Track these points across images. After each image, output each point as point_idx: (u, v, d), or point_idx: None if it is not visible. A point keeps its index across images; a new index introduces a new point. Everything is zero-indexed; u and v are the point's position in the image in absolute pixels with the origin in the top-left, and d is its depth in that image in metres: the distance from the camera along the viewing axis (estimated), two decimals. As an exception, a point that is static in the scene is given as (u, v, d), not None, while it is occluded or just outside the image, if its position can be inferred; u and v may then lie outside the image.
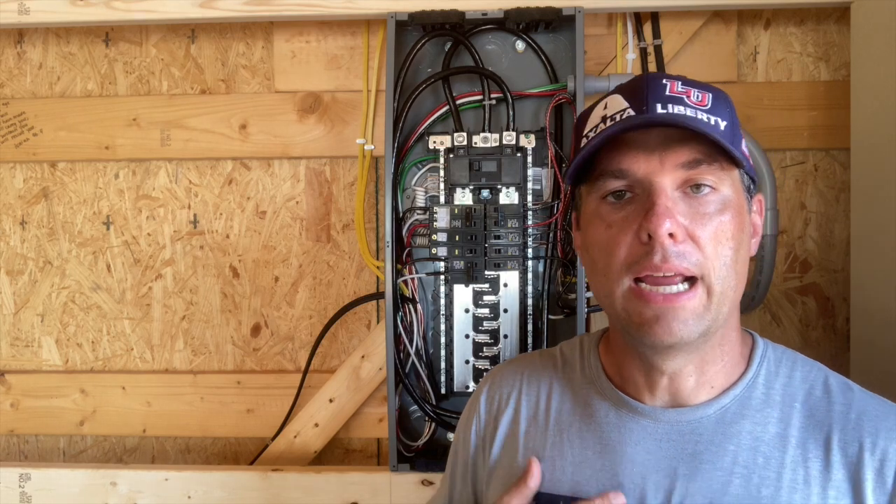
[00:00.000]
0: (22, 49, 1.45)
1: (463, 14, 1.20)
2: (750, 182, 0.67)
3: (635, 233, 0.62)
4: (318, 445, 1.39)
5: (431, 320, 1.26)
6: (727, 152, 0.62)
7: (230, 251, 1.43)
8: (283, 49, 1.40)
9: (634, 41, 1.32)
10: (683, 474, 0.65)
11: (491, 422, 0.78)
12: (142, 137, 1.42)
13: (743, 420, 0.66)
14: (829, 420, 0.65)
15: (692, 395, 0.67)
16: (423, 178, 1.25)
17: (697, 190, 0.62)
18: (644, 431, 0.68)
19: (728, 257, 0.62)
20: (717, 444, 0.65)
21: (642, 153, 0.63)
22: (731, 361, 0.68)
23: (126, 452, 1.47)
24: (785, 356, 0.71)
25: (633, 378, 0.70)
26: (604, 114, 0.66)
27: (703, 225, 0.61)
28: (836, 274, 1.34)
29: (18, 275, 1.47)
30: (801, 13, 1.33)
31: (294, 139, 1.40)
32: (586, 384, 0.74)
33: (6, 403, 1.46)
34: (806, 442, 0.65)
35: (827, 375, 0.69)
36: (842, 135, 1.28)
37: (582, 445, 0.70)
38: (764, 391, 0.68)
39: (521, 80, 1.24)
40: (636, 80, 0.67)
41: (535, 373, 0.78)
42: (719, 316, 0.63)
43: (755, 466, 0.64)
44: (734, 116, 0.66)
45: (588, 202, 0.68)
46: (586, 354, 0.76)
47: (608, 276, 0.64)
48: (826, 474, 0.63)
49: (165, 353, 1.45)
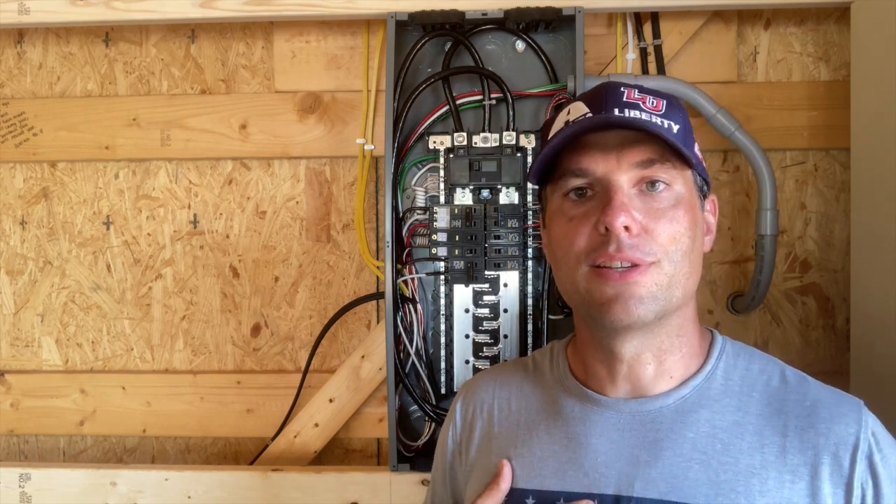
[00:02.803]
0: (22, 49, 1.45)
1: (463, 14, 1.20)
2: (703, 183, 0.73)
3: (594, 225, 0.67)
4: (318, 445, 1.39)
5: (431, 320, 1.26)
6: (679, 153, 0.67)
7: (230, 251, 1.43)
8: (283, 49, 1.40)
9: (634, 41, 1.32)
10: (645, 461, 0.68)
11: (466, 428, 0.81)
12: (142, 137, 1.42)
13: (701, 409, 0.70)
14: (786, 408, 0.69)
15: (652, 385, 0.71)
16: (423, 178, 1.25)
17: (652, 187, 0.68)
18: (607, 423, 0.71)
19: (684, 244, 0.67)
20: (677, 431, 0.69)
21: (600, 153, 0.68)
22: (690, 353, 0.72)
23: (126, 452, 1.47)
24: (744, 351, 0.75)
25: (595, 371, 0.74)
26: (567, 119, 0.72)
27: (657, 219, 0.67)
28: (836, 274, 1.34)
29: (18, 275, 1.47)
30: (801, 13, 1.33)
31: (294, 139, 1.40)
32: (554, 384, 0.78)
33: (6, 403, 1.46)
34: (763, 429, 0.68)
35: (783, 368, 0.73)
36: (842, 135, 1.28)
37: (550, 440, 0.73)
38: (723, 382, 0.71)
39: (521, 80, 1.24)
40: (597, 88, 0.73)
41: (508, 378, 0.83)
42: (672, 298, 0.67)
43: (714, 452, 0.67)
44: (687, 122, 0.72)
45: (552, 200, 0.74)
46: (555, 357, 0.81)
47: (568, 264, 0.69)
48: (782, 459, 0.66)
49: (165, 353, 1.45)
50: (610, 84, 0.72)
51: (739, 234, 1.36)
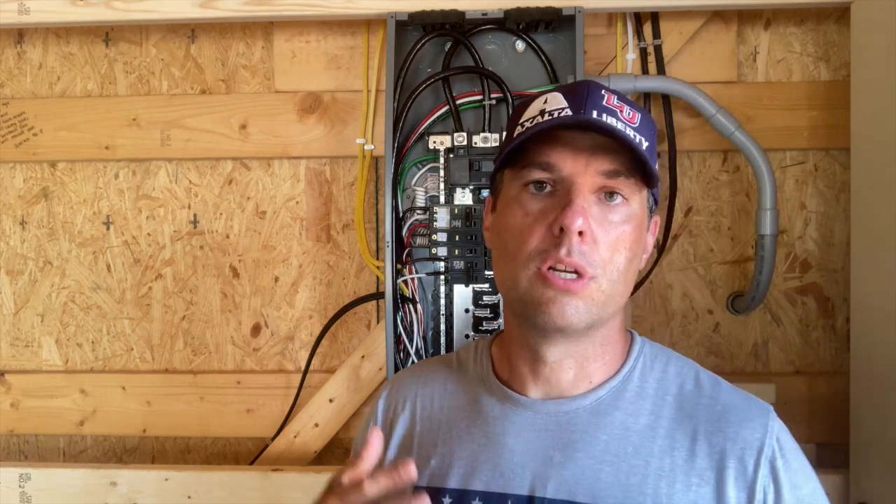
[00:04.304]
0: (22, 49, 1.45)
1: (463, 14, 1.20)
2: (653, 203, 0.74)
3: (549, 225, 0.67)
4: (318, 445, 1.39)
5: (431, 320, 1.26)
6: (644, 171, 0.67)
7: (230, 251, 1.43)
8: (283, 49, 1.40)
9: (634, 41, 1.32)
10: (558, 462, 0.68)
11: (387, 426, 0.81)
12: (142, 137, 1.42)
13: (616, 411, 0.70)
14: (697, 412, 0.70)
15: (571, 388, 0.72)
16: (423, 178, 1.25)
17: (610, 198, 0.68)
18: (525, 423, 0.71)
19: (621, 265, 0.67)
20: (591, 433, 0.69)
21: (570, 152, 0.67)
22: (612, 360, 0.73)
23: (126, 452, 1.47)
24: (661, 353, 0.76)
25: (518, 370, 0.74)
26: (543, 108, 0.70)
27: (606, 231, 0.67)
28: (836, 274, 1.34)
29: (18, 275, 1.47)
30: (801, 13, 1.33)
31: (294, 139, 1.40)
32: (477, 382, 0.78)
33: (6, 403, 1.46)
34: (674, 432, 0.69)
35: (698, 371, 0.74)
36: (842, 135, 1.28)
37: (469, 440, 0.73)
38: (639, 384, 0.72)
39: (521, 80, 1.24)
40: (578, 84, 0.72)
41: (431, 375, 0.82)
42: (604, 314, 0.68)
43: (625, 455, 0.68)
44: (654, 140, 0.72)
45: (510, 187, 0.72)
46: (479, 355, 0.80)
47: (517, 260, 0.68)
48: (690, 463, 0.67)
49: (165, 352, 1.45)
50: (591, 83, 0.71)
51: (739, 234, 1.36)
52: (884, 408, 1.10)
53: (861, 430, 1.16)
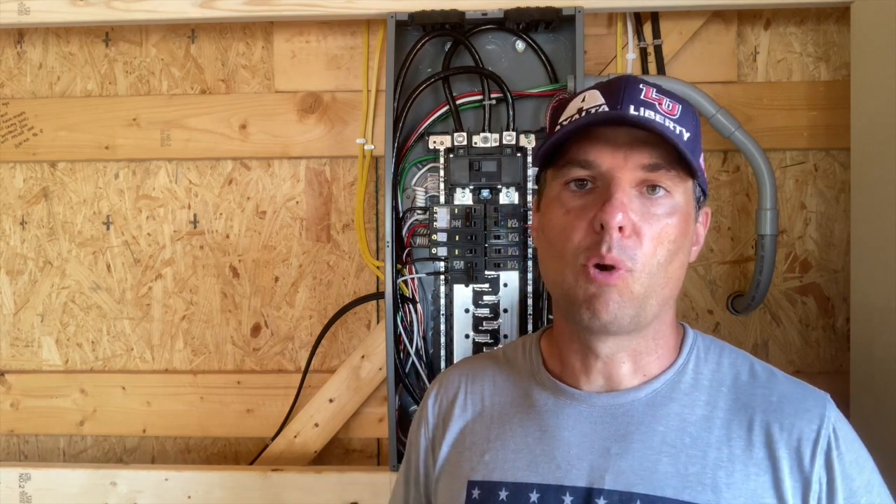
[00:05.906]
0: (22, 49, 1.45)
1: (463, 14, 1.20)
2: (701, 194, 0.73)
3: (590, 221, 0.67)
4: (318, 445, 1.39)
5: (431, 320, 1.26)
6: (686, 162, 0.67)
7: (230, 251, 1.43)
8: (283, 49, 1.40)
9: (634, 41, 1.32)
10: (615, 453, 0.69)
11: (440, 425, 0.81)
12: (142, 137, 1.42)
13: (672, 403, 0.71)
14: (753, 403, 0.70)
15: (625, 381, 0.72)
16: (423, 178, 1.25)
17: (653, 191, 0.68)
18: (580, 416, 0.72)
19: (662, 257, 0.67)
20: (647, 425, 0.70)
21: (609, 148, 0.68)
22: (665, 352, 0.74)
23: (126, 452, 1.47)
24: (714, 345, 0.76)
25: (571, 364, 0.74)
26: (581, 106, 0.71)
27: (649, 224, 0.67)
28: (836, 274, 1.34)
29: (18, 275, 1.47)
30: (801, 13, 1.33)
31: (294, 139, 1.40)
32: (527, 377, 0.78)
33: (6, 403, 1.46)
34: (731, 423, 0.69)
35: (752, 362, 0.75)
36: (842, 135, 1.28)
37: (523, 433, 0.74)
38: (693, 376, 0.73)
39: (521, 80, 1.24)
40: (616, 80, 0.72)
41: (479, 372, 0.83)
42: (647, 305, 0.68)
43: (682, 446, 0.68)
44: (698, 130, 0.72)
45: (552, 187, 0.73)
46: (528, 350, 0.81)
47: (563, 258, 0.69)
48: (748, 453, 0.67)
49: (165, 353, 1.45)
50: (629, 78, 0.71)
51: (739, 234, 1.36)
52: (884, 408, 1.10)
53: (861, 430, 1.16)
